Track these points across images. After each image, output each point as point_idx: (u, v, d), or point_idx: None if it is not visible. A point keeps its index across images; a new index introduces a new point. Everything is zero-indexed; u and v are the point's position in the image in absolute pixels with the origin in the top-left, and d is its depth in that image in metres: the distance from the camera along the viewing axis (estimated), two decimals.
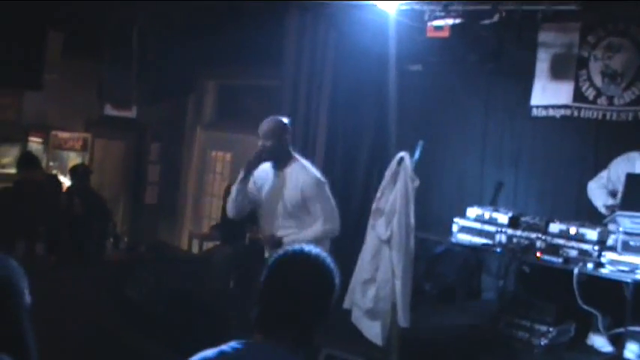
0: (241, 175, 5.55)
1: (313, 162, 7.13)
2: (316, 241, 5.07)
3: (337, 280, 2.45)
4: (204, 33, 8.58)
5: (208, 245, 9.10)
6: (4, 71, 8.33)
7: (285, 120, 5.65)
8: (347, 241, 7.16)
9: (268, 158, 5.54)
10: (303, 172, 5.51)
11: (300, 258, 2.44)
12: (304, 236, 5.36)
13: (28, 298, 2.30)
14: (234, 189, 5.65)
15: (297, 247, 2.50)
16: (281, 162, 5.54)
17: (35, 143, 9.57)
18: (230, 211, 5.76)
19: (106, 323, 6.53)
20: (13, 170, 8.74)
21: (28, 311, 2.30)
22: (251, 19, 7.80)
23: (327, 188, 5.57)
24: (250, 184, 5.60)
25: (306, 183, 5.45)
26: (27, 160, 7.85)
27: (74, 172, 8.28)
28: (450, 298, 7.23)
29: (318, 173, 5.59)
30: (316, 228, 5.48)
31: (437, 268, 7.27)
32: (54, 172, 9.29)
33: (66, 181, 8.58)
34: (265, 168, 5.62)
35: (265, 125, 5.56)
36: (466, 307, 7.00)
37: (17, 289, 2.27)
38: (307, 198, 5.44)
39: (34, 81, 8.79)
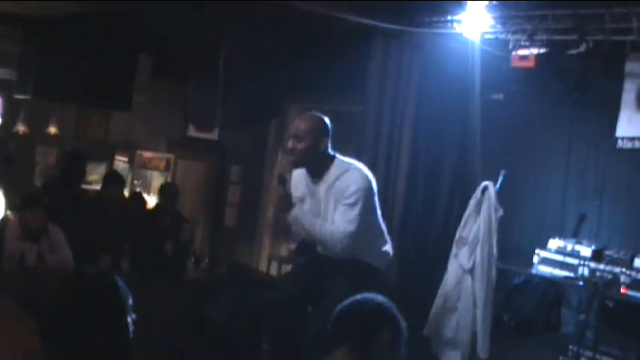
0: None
1: (395, 188, 7.19)
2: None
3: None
4: (290, 58, 8.69)
5: (287, 268, 9.09)
6: (97, 93, 8.62)
7: (327, 119, 4.58)
8: (427, 269, 7.19)
9: (300, 164, 4.62)
10: (350, 172, 4.44)
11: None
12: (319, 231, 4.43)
13: (132, 317, 2.39)
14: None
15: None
16: (318, 168, 4.55)
17: (121, 162, 9.84)
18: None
19: (185, 341, 6.63)
20: (99, 187, 9.01)
21: (131, 331, 2.39)
22: (336, 45, 7.87)
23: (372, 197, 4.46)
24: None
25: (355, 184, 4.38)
26: (112, 178, 8.02)
27: (163, 192, 8.15)
28: (528, 331, 7.11)
29: (368, 173, 4.51)
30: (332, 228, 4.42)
31: (515, 299, 7.17)
32: (137, 190, 9.53)
33: (150, 200, 8.77)
34: (300, 176, 4.71)
35: (300, 123, 4.53)
36: (545, 341, 6.88)
37: (127, 309, 2.36)
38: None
39: (125, 102, 9.06)
